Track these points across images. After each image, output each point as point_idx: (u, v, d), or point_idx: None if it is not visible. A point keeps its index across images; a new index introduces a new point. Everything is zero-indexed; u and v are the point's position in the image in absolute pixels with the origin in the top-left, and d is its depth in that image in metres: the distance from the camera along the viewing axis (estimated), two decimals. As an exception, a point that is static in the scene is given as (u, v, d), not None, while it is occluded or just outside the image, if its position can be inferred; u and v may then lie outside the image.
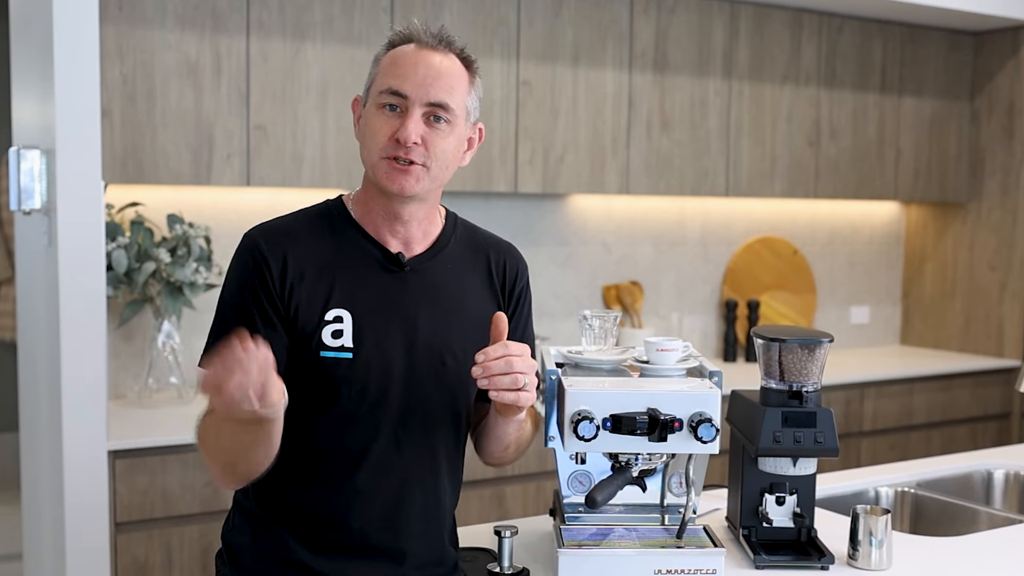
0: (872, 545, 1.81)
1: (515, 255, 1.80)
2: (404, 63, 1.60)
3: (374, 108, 1.61)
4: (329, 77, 3.15)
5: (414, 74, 1.58)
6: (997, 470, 2.56)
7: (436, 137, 1.60)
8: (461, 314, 1.68)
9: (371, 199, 1.66)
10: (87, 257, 2.61)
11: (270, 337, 1.55)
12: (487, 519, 3.07)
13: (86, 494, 2.62)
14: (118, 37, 2.87)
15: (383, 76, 1.61)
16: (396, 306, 1.63)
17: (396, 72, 1.59)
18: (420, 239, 1.68)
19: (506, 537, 1.75)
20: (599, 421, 1.62)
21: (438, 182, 1.64)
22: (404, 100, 1.58)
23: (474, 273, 1.73)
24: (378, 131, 1.59)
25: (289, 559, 1.63)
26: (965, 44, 4.50)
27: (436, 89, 1.59)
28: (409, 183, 1.59)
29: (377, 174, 1.60)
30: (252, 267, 1.60)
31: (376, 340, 1.60)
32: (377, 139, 1.59)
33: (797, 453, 1.80)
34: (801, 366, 1.80)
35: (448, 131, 1.61)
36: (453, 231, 1.73)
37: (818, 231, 4.59)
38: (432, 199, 1.67)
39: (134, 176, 2.92)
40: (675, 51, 3.77)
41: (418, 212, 1.66)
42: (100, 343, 2.63)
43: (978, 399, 4.33)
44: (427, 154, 1.59)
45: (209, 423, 1.55)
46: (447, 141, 1.61)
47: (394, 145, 1.58)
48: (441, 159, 1.61)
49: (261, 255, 1.60)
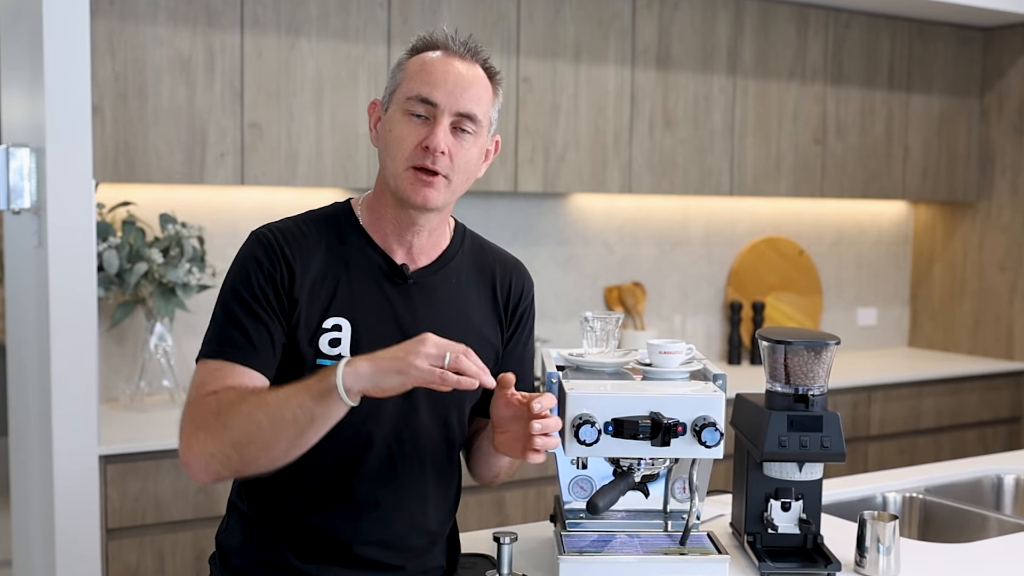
0: (880, 552, 1.80)
1: (522, 273, 1.79)
2: (434, 71, 1.58)
3: (400, 114, 1.59)
4: (325, 74, 3.14)
5: (444, 83, 1.57)
6: (1007, 475, 2.55)
7: (461, 148, 1.59)
8: (462, 329, 1.67)
9: (384, 206, 1.64)
10: (78, 258, 2.61)
11: (274, 331, 1.56)
12: (486, 525, 3.07)
13: (77, 500, 2.61)
14: (109, 33, 2.86)
15: (411, 82, 1.59)
16: (397, 318, 1.63)
17: (426, 79, 1.58)
18: (427, 251, 1.68)
19: (505, 544, 1.73)
20: (601, 425, 1.62)
21: (457, 194, 1.63)
22: (433, 108, 1.57)
23: (479, 289, 1.72)
24: (405, 139, 1.58)
25: (280, 564, 1.62)
26: (974, 40, 4.48)
27: (466, 99, 1.58)
28: (432, 196, 1.58)
29: (400, 185, 1.59)
30: (255, 265, 1.59)
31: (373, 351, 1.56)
32: (403, 147, 1.58)
33: (803, 458, 1.79)
34: (807, 369, 1.79)
35: (472, 142, 1.61)
36: (461, 244, 1.73)
37: (824, 231, 4.58)
38: (447, 211, 1.67)
39: (126, 175, 2.91)
40: (678, 47, 3.75)
41: (431, 222, 1.65)
42: (91, 345, 2.62)
43: (988, 402, 4.31)
44: (451, 165, 1.58)
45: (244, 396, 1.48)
46: (471, 152, 1.61)
47: (421, 154, 1.57)
48: (463, 171, 1.61)
49: (273, 251, 1.59)
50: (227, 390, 1.51)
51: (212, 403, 1.50)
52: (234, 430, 1.46)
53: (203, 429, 1.49)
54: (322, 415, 1.44)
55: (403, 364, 1.41)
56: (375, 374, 1.42)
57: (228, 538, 1.69)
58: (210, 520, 2.76)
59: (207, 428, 1.48)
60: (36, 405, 2.76)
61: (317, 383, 1.44)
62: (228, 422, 1.47)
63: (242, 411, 1.46)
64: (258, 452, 1.46)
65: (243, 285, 1.58)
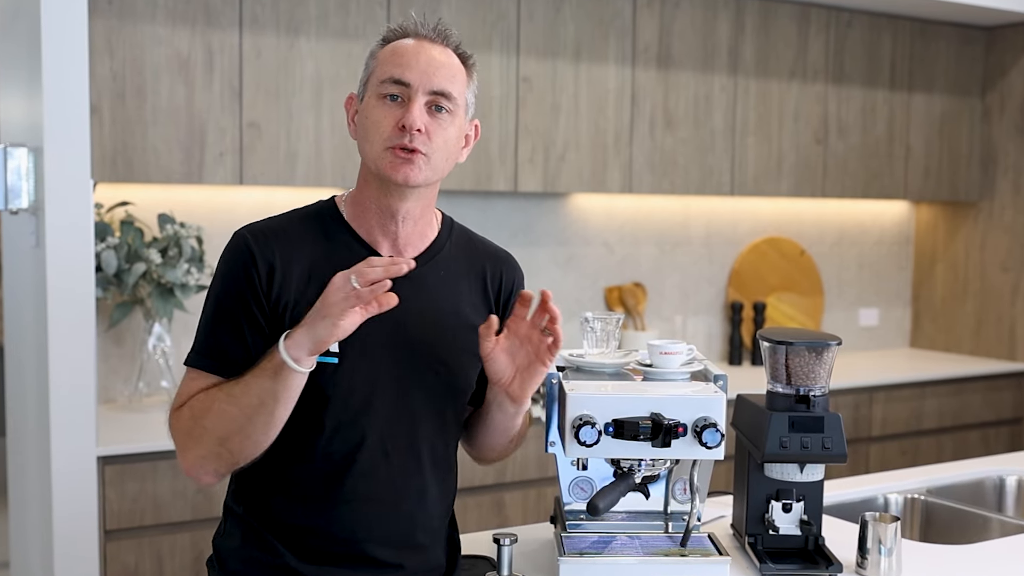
0: (881, 553, 1.79)
1: (512, 265, 1.79)
2: (405, 53, 1.61)
3: (374, 99, 1.61)
4: (324, 73, 3.13)
5: (416, 63, 1.59)
6: (1009, 476, 2.54)
7: (438, 126, 1.60)
8: (452, 321, 1.67)
9: (367, 197, 1.64)
10: (76, 258, 2.60)
11: (254, 339, 1.58)
12: (486, 526, 3.04)
13: (75, 501, 2.61)
14: (108, 32, 2.85)
15: (383, 67, 1.61)
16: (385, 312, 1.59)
17: (398, 62, 1.60)
18: (414, 242, 1.67)
19: (505, 545, 1.73)
20: (601, 426, 1.62)
21: (438, 174, 1.63)
22: (407, 89, 1.59)
23: (468, 281, 1.72)
24: (380, 121, 1.59)
25: (278, 565, 1.62)
26: (977, 39, 4.47)
27: (439, 78, 1.59)
28: (413, 172, 1.58)
29: (380, 165, 1.59)
30: (240, 266, 1.60)
31: (363, 346, 1.59)
32: (380, 129, 1.59)
33: (804, 459, 1.79)
34: (808, 369, 1.79)
35: (450, 121, 1.61)
36: (448, 237, 1.73)
37: (826, 231, 4.57)
38: (429, 195, 1.67)
39: (124, 175, 2.90)
40: (679, 46, 3.74)
41: (414, 209, 1.64)
42: (89, 346, 2.62)
43: (990, 403, 4.30)
44: (429, 143, 1.59)
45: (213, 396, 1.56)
46: (448, 131, 1.61)
47: (398, 133, 1.58)
48: (442, 149, 1.61)
49: (250, 255, 1.60)
50: (197, 396, 1.58)
51: (187, 412, 1.58)
52: (213, 429, 1.54)
53: (189, 436, 1.57)
54: (284, 389, 1.50)
55: (323, 308, 1.47)
56: (308, 331, 1.48)
57: (226, 541, 1.69)
58: (209, 522, 2.75)
59: (191, 434, 1.57)
60: (34, 406, 2.75)
61: (268, 363, 1.51)
62: (206, 424, 1.55)
63: (214, 410, 1.54)
64: (241, 441, 1.53)
65: (223, 292, 1.61)
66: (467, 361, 1.67)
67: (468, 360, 1.67)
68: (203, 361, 1.61)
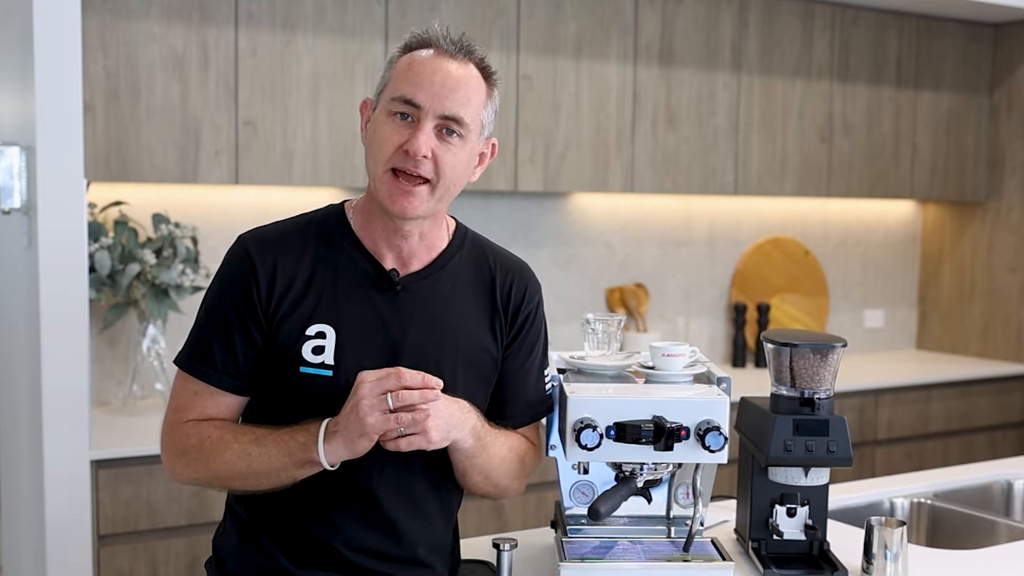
0: (887, 558, 1.79)
1: (525, 276, 1.75)
2: (421, 70, 1.56)
3: (384, 115, 1.58)
4: (321, 71, 3.11)
5: (430, 83, 1.55)
6: (1018, 480, 2.55)
7: (446, 152, 1.56)
8: (452, 336, 1.65)
9: (373, 209, 1.63)
10: (69, 258, 2.60)
11: (245, 350, 1.59)
12: (486, 531, 3.06)
13: (68, 505, 2.60)
14: (101, 29, 2.84)
15: (396, 82, 1.57)
16: (383, 325, 1.61)
17: (411, 79, 1.56)
18: (421, 254, 1.65)
19: (505, 550, 1.73)
20: (602, 429, 1.62)
21: (444, 200, 1.60)
22: (417, 110, 1.55)
23: (476, 294, 1.69)
24: (386, 140, 1.56)
25: (275, 569, 1.62)
26: (984, 36, 4.46)
27: (452, 101, 1.55)
28: (412, 205, 1.56)
29: (379, 190, 1.57)
30: (239, 277, 1.60)
31: (357, 359, 1.58)
32: (384, 148, 1.56)
33: (809, 462, 1.79)
34: (813, 372, 1.80)
35: (460, 146, 1.58)
36: (460, 247, 1.70)
37: (831, 231, 4.55)
38: (438, 215, 1.65)
39: (118, 174, 2.89)
40: (682, 44, 3.73)
41: (420, 227, 1.63)
42: (82, 348, 2.62)
43: (998, 406, 4.29)
44: (435, 169, 1.55)
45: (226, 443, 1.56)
46: (457, 157, 1.58)
47: (402, 157, 1.55)
48: (449, 176, 1.57)
49: (251, 265, 1.60)
50: (207, 424, 1.59)
51: (193, 436, 1.58)
52: (216, 470, 1.57)
53: (185, 456, 1.59)
54: (305, 474, 1.55)
55: (361, 426, 1.48)
56: (348, 446, 1.50)
57: (224, 541, 1.69)
58: (204, 526, 2.75)
59: (188, 456, 1.58)
60: (26, 409, 2.75)
61: (301, 452, 1.52)
62: (210, 463, 1.56)
63: (224, 458, 1.55)
64: (240, 486, 1.59)
65: (219, 300, 1.60)
66: (470, 378, 1.64)
67: (471, 378, 1.64)
68: (191, 365, 1.61)
